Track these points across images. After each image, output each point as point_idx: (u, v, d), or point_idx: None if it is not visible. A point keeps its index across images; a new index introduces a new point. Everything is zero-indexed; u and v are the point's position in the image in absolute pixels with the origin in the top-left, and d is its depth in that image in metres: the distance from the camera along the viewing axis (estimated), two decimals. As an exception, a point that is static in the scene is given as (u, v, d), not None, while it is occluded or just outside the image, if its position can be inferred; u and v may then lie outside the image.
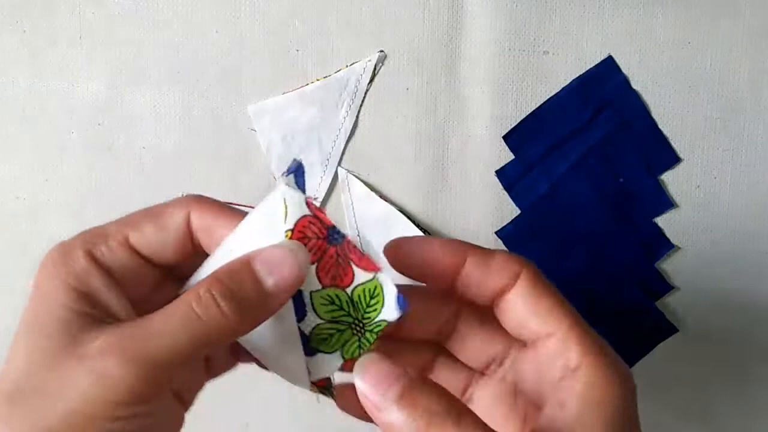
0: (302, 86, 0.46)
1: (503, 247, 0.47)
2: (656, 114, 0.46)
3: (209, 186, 0.47)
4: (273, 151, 0.46)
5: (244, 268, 0.26)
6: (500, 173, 0.46)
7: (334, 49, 0.46)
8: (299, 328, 0.28)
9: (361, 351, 0.29)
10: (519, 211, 0.47)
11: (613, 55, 0.45)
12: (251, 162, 0.47)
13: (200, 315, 0.25)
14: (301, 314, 0.28)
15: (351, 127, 0.46)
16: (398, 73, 0.46)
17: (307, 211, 0.27)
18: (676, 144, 0.46)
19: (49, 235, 0.48)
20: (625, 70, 0.45)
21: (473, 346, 0.31)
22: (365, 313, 0.28)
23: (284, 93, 0.46)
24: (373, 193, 0.46)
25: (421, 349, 0.32)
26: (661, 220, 0.46)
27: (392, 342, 0.31)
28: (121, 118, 0.47)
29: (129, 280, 0.27)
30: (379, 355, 0.26)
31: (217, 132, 0.47)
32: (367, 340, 0.28)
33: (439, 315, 0.31)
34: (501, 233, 0.47)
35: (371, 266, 0.27)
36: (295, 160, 0.29)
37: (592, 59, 0.45)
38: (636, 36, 0.45)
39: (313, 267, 0.27)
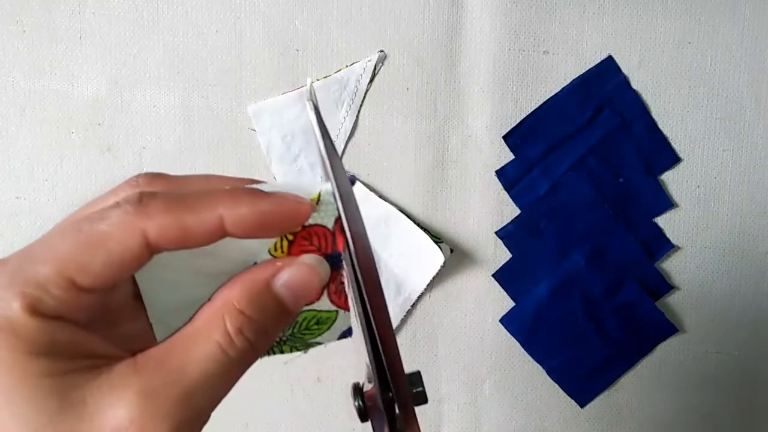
0: (302, 86, 0.46)
1: (503, 247, 0.47)
2: (656, 114, 0.46)
3: (209, 186, 0.47)
4: (273, 151, 0.46)
5: (268, 296, 0.23)
6: (500, 173, 0.46)
7: (334, 49, 0.46)
8: None
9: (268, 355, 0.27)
10: (519, 211, 0.47)
11: (613, 55, 0.45)
12: (251, 162, 0.47)
13: (235, 358, 0.22)
14: None
15: (351, 127, 0.46)
16: (398, 73, 0.46)
17: (330, 225, 0.25)
18: (676, 144, 0.46)
19: (49, 235, 0.48)
20: (625, 70, 0.45)
21: None
22: (297, 332, 0.27)
23: (284, 93, 0.46)
24: (372, 193, 0.46)
25: None
26: (661, 220, 0.46)
27: None
28: (121, 118, 0.47)
29: (88, 314, 0.22)
30: None
31: (217, 132, 0.47)
32: (280, 350, 0.27)
33: None
34: (501, 233, 0.47)
35: (342, 303, 0.26)
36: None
37: (592, 59, 0.45)
38: (636, 36, 0.45)
39: None
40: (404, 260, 0.46)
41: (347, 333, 0.27)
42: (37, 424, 0.20)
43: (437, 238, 0.46)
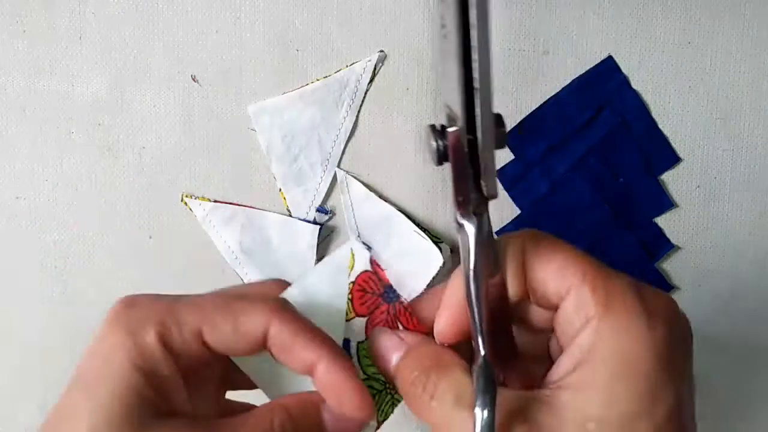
0: (302, 86, 0.46)
1: (503, 247, 0.47)
2: (656, 114, 0.46)
3: (209, 186, 0.47)
4: (273, 151, 0.46)
5: (315, 414, 0.28)
6: (500, 173, 0.46)
7: (334, 49, 0.46)
8: None
9: (393, 410, 0.30)
10: (519, 211, 0.47)
11: (613, 55, 0.45)
12: (251, 162, 0.47)
13: None
14: None
15: (351, 127, 0.46)
16: (398, 73, 0.46)
17: (369, 267, 0.29)
18: (676, 144, 0.46)
19: (49, 236, 0.48)
20: (625, 70, 0.45)
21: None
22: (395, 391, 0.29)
23: (284, 93, 0.46)
24: (372, 194, 0.46)
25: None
26: (661, 220, 0.46)
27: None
28: (121, 118, 0.47)
29: (191, 370, 0.27)
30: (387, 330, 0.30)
31: (217, 132, 0.47)
32: (398, 399, 0.30)
33: None
34: (501, 233, 0.47)
35: (419, 329, 0.29)
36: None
37: (592, 59, 0.45)
38: (636, 36, 0.45)
39: (364, 320, 0.28)
40: (404, 260, 0.46)
41: None
42: (101, 424, 0.24)
43: (437, 238, 0.46)
